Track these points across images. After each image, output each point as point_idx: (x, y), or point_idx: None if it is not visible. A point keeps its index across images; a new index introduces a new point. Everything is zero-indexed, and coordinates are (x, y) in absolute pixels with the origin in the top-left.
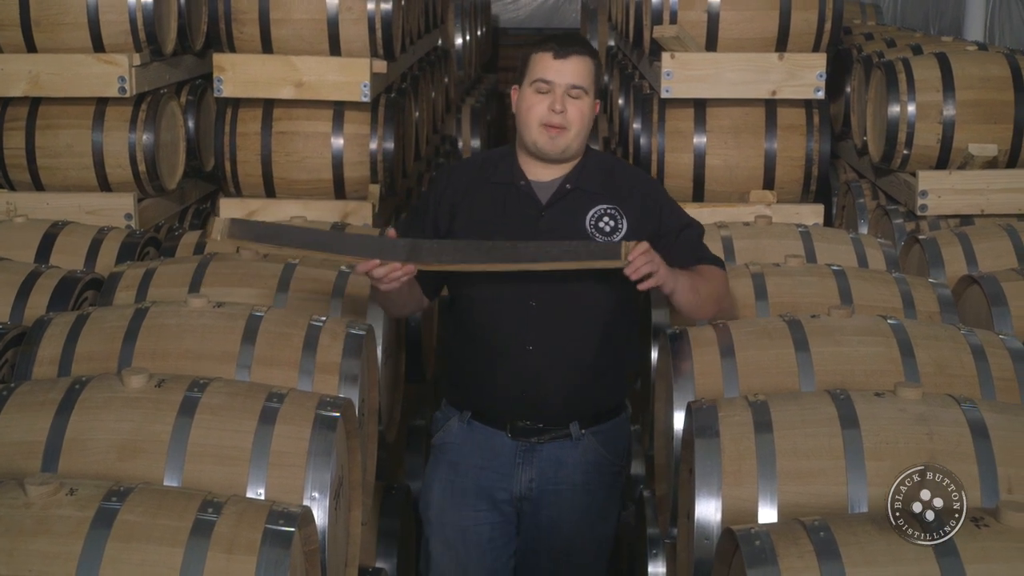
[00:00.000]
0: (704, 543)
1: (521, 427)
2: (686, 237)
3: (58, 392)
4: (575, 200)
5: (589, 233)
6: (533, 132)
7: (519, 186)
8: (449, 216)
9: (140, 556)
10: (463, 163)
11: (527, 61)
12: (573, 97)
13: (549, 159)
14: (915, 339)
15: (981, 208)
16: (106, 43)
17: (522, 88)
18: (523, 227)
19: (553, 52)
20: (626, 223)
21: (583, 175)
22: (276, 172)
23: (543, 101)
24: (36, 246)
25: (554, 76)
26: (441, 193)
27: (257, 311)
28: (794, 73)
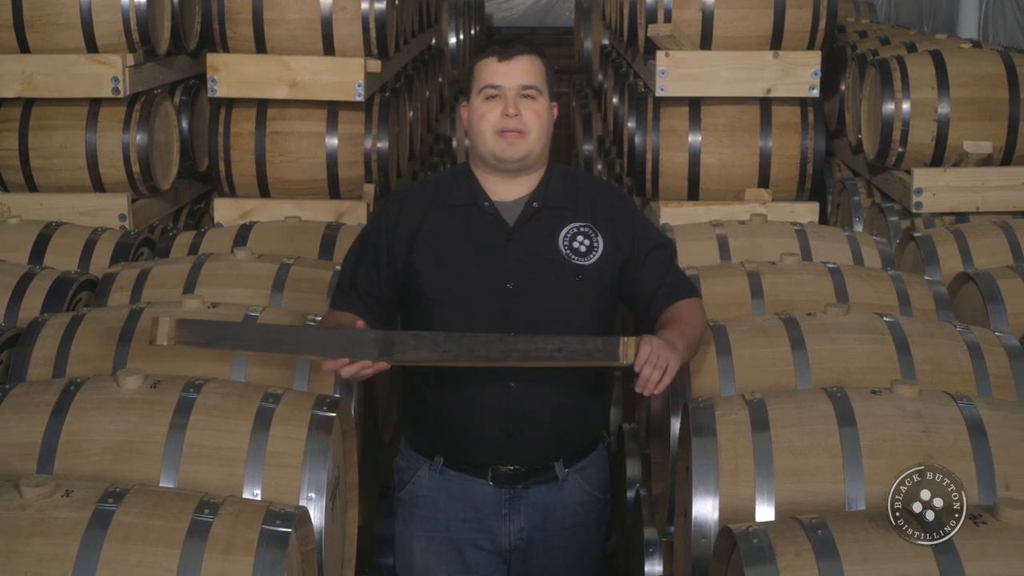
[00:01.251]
0: (702, 542)
1: (504, 473)
2: (657, 258)
3: (53, 393)
4: (545, 219)
5: (564, 255)
6: (489, 142)
7: (482, 208)
8: (406, 247)
9: (136, 557)
10: (413, 189)
11: (471, 73)
12: (527, 98)
13: (510, 169)
14: (911, 337)
15: (976, 205)
16: (99, 43)
17: (471, 101)
18: (491, 253)
19: (497, 56)
20: (602, 241)
21: (549, 191)
22: (270, 172)
23: (494, 108)
24: (30, 247)
25: (502, 79)
26: (394, 223)
27: (252, 311)
28: (789, 71)
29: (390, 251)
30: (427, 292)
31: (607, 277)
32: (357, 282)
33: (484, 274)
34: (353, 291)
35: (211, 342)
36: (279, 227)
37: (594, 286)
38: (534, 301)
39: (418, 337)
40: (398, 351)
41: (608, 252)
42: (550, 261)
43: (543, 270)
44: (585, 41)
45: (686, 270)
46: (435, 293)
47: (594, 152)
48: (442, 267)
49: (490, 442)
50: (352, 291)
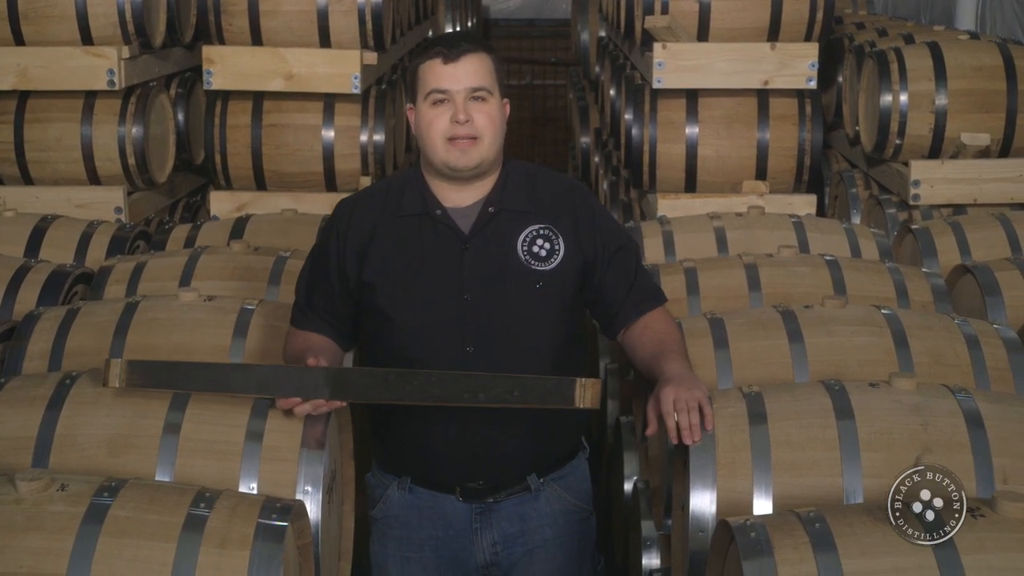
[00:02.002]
0: (699, 535)
1: (472, 488)
2: (622, 261)
3: (48, 387)
4: (502, 224)
5: (524, 261)
6: (440, 151)
7: (435, 216)
8: (357, 261)
9: (132, 552)
10: (362, 197)
11: (415, 75)
12: (477, 100)
13: (464, 177)
14: (909, 329)
15: (974, 197)
16: (95, 36)
17: (416, 106)
18: (446, 264)
19: (442, 57)
20: (563, 244)
21: (506, 193)
22: (266, 165)
23: (443, 114)
24: (25, 240)
25: (449, 83)
26: (344, 235)
27: (248, 304)
28: (786, 63)
29: (341, 268)
30: (382, 309)
31: (570, 282)
32: (312, 299)
33: (440, 287)
34: (311, 309)
35: (161, 383)
36: (275, 220)
37: (556, 292)
38: (493, 312)
39: (370, 375)
40: (350, 390)
41: (570, 254)
42: (508, 269)
43: (501, 279)
44: (582, 33)
45: (683, 262)
46: (390, 310)
47: (591, 144)
48: (395, 283)
49: (456, 462)
50: (310, 309)
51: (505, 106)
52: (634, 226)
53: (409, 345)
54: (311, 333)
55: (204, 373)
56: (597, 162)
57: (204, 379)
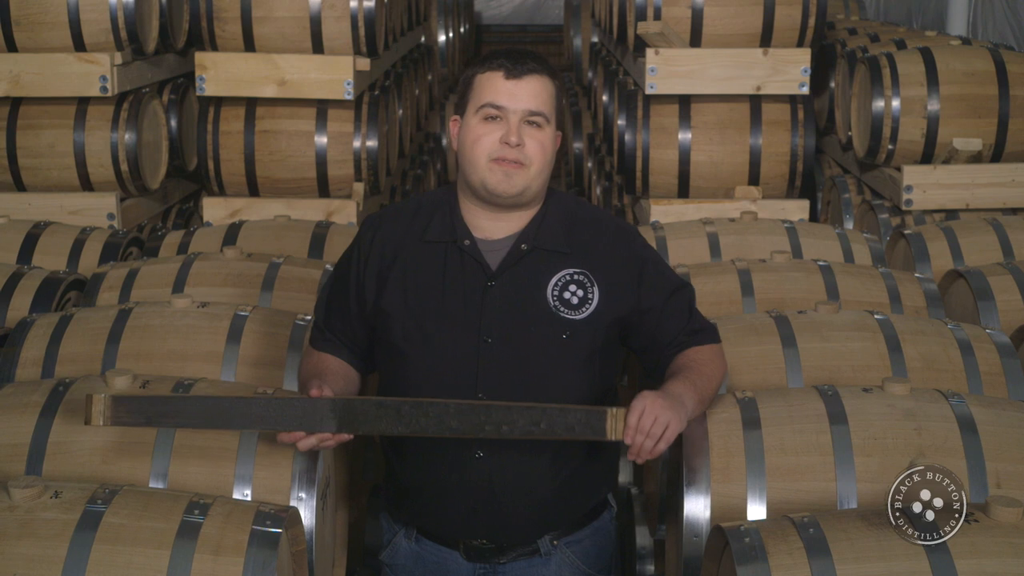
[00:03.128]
0: (693, 540)
1: (476, 548)
2: (675, 307)
3: (42, 394)
4: (533, 263)
5: (552, 307)
6: (481, 170)
7: (462, 247)
8: (376, 285)
9: (126, 559)
10: (393, 211)
11: (471, 84)
12: (532, 126)
13: (502, 203)
14: (902, 334)
15: (966, 202)
16: (87, 42)
17: (464, 118)
18: (467, 300)
19: (504, 71)
20: (597, 292)
21: (543, 230)
22: (259, 171)
23: (494, 131)
24: (18, 247)
25: (507, 100)
26: (367, 254)
27: (242, 311)
28: (778, 68)
29: (359, 291)
30: (396, 342)
31: (600, 335)
32: (331, 320)
33: (457, 325)
34: (329, 330)
35: (152, 420)
36: (268, 226)
37: (584, 345)
38: (512, 360)
39: (381, 406)
40: (359, 423)
41: (604, 305)
42: (534, 314)
43: (525, 324)
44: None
45: (676, 268)
46: (403, 343)
47: (584, 150)
48: (413, 314)
49: (456, 517)
50: (328, 330)
51: (558, 138)
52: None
53: (419, 383)
54: (328, 355)
55: (197, 407)
56: (590, 168)
57: (197, 414)
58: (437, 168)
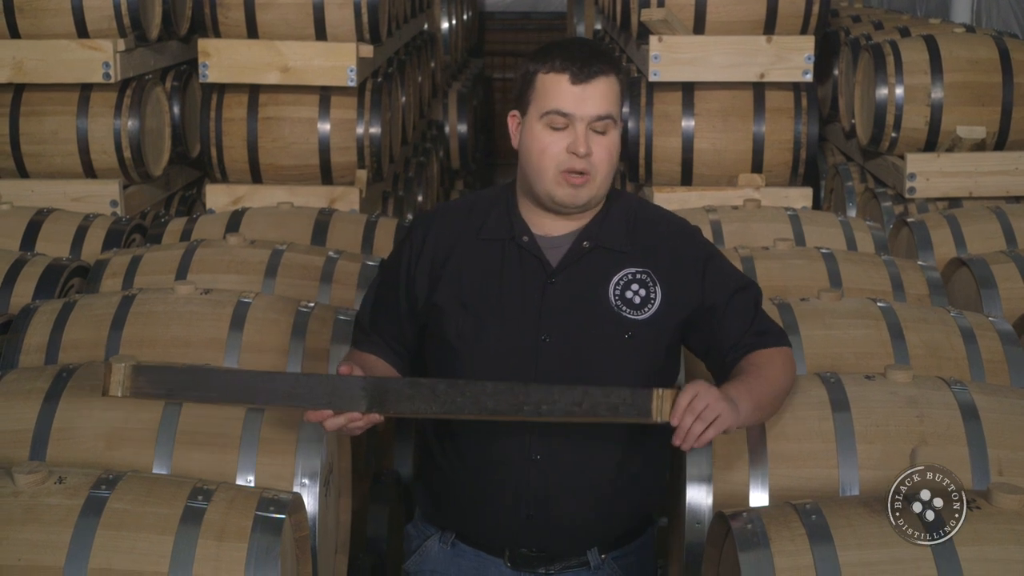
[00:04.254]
0: (695, 527)
1: (524, 555)
2: (739, 306)
3: (45, 380)
4: (595, 262)
5: (614, 306)
6: (548, 182)
7: (521, 243)
8: (429, 282)
9: (130, 544)
10: (447, 209)
11: (532, 83)
12: (598, 132)
13: (567, 213)
14: (905, 322)
15: (969, 190)
16: (90, 29)
17: (527, 120)
18: (526, 297)
19: (571, 75)
20: (659, 292)
21: (604, 228)
22: (262, 158)
23: (560, 140)
24: (21, 234)
25: (574, 107)
26: (418, 253)
27: (245, 297)
28: (782, 56)
29: (410, 290)
30: (449, 340)
31: (663, 336)
32: (377, 320)
33: (515, 322)
34: (374, 330)
35: (173, 392)
36: (271, 213)
37: (647, 346)
38: (571, 360)
39: (415, 385)
40: (391, 402)
41: (667, 306)
42: (596, 313)
43: (586, 323)
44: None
45: None
46: (458, 342)
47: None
48: (468, 311)
49: (508, 523)
50: (373, 330)
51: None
52: None
53: None
54: (369, 355)
55: (221, 380)
56: None
57: (221, 388)
58: (440, 155)
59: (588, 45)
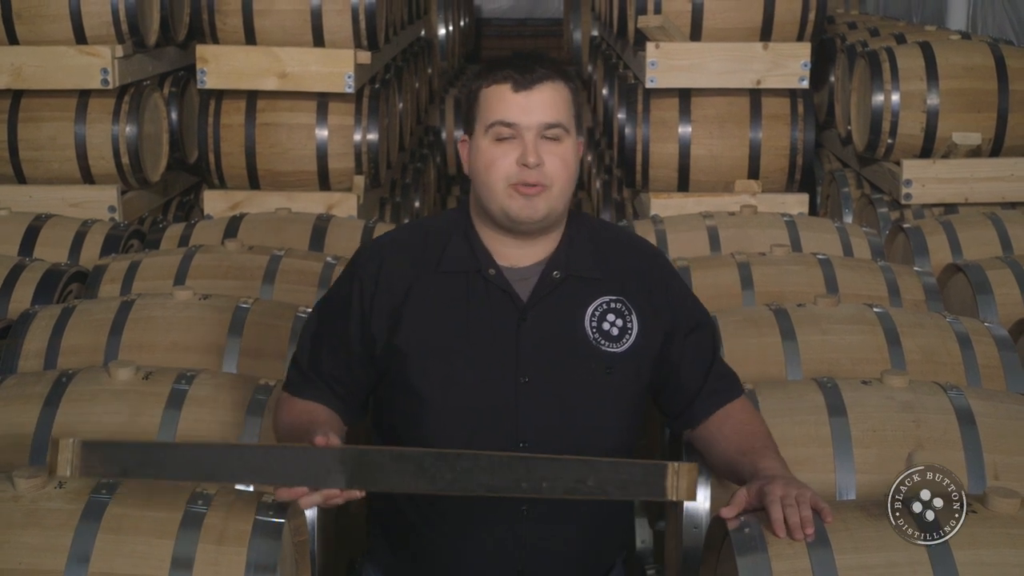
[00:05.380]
0: (693, 531)
1: None
2: (699, 343)
3: (45, 385)
4: (567, 293)
5: (592, 340)
6: (500, 198)
7: (487, 276)
8: (389, 323)
9: (130, 548)
10: (392, 243)
11: (476, 100)
12: (550, 140)
13: (526, 231)
14: (901, 327)
15: (965, 197)
16: (88, 35)
17: (474, 138)
18: (500, 337)
19: (512, 83)
20: (636, 321)
21: (572, 254)
22: (260, 164)
23: (508, 153)
24: (20, 239)
25: (519, 116)
26: (373, 287)
27: (243, 303)
28: (778, 63)
29: (365, 330)
30: (415, 387)
31: (644, 368)
32: (320, 363)
33: (491, 366)
34: (316, 374)
35: (128, 471)
36: (269, 219)
37: (630, 380)
38: (554, 401)
39: (399, 458)
40: (373, 477)
41: (643, 335)
42: (574, 348)
43: (565, 360)
44: (574, 32)
45: (676, 261)
46: (426, 389)
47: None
48: (435, 355)
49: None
50: (314, 373)
51: (580, 146)
52: (627, 225)
53: (447, 435)
54: (313, 404)
55: (183, 456)
56: (590, 161)
57: (184, 464)
58: (437, 161)
59: (532, 55)
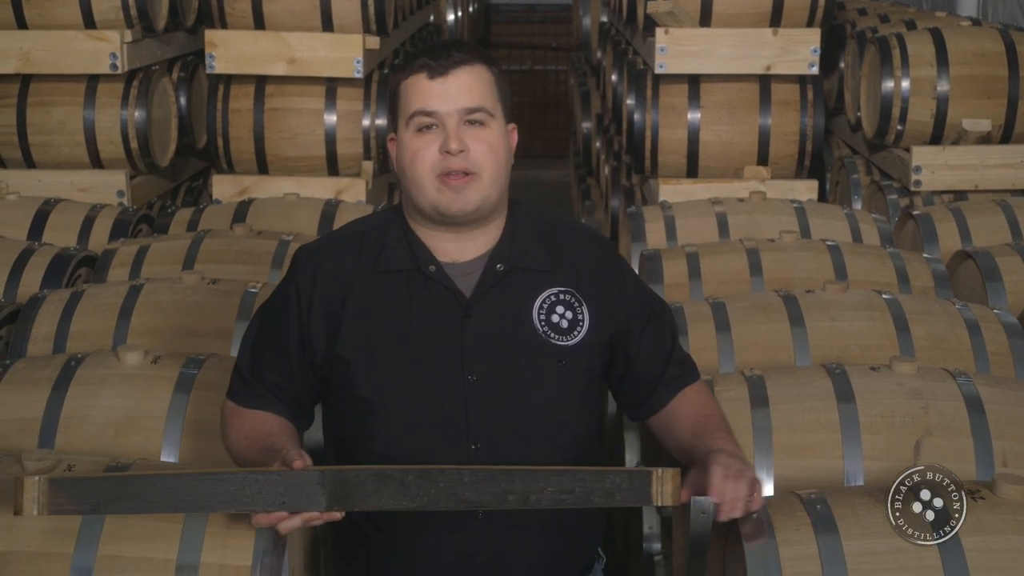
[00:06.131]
0: (701, 517)
1: None
2: (657, 331)
3: (54, 369)
4: (513, 286)
5: (541, 333)
6: (428, 190)
7: (428, 273)
8: (327, 329)
9: (139, 530)
10: (329, 245)
11: (396, 94)
12: (474, 125)
13: (459, 223)
14: (910, 314)
15: (975, 183)
16: (97, 19)
17: (398, 133)
18: (443, 335)
19: (427, 71)
20: (586, 313)
21: (514, 245)
22: (269, 149)
23: (431, 143)
24: (29, 224)
25: (437, 103)
26: (308, 295)
27: (252, 288)
28: (788, 48)
29: (304, 337)
30: (360, 392)
31: (596, 359)
32: (261, 371)
33: (436, 366)
34: (260, 383)
35: (100, 506)
36: (278, 204)
37: (581, 373)
38: (504, 398)
39: (381, 477)
40: (354, 498)
41: (595, 326)
42: (522, 343)
43: (512, 355)
44: (584, 18)
45: (685, 247)
46: (372, 394)
47: (592, 130)
48: (379, 358)
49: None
50: (258, 383)
51: (512, 133)
52: (636, 211)
53: (395, 440)
54: (263, 413)
55: (156, 487)
56: (598, 147)
57: (157, 496)
58: None
59: (449, 42)
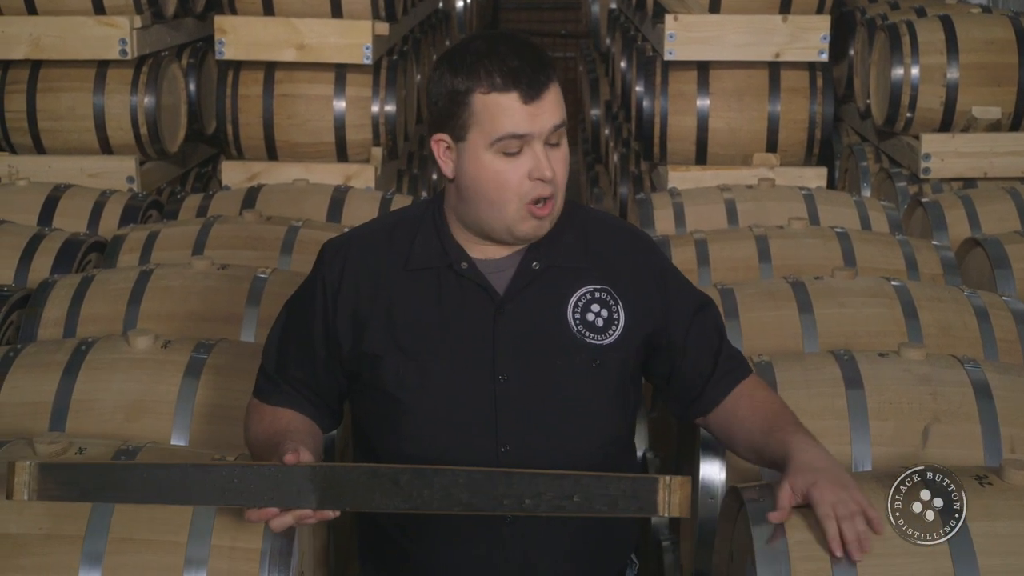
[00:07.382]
0: (708, 502)
1: None
2: (703, 326)
3: (64, 353)
4: (548, 283)
5: (576, 332)
6: (511, 218)
7: (459, 270)
8: (354, 325)
9: (150, 513)
10: (358, 239)
11: (466, 105)
12: (554, 145)
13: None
14: (918, 301)
15: (984, 171)
16: (107, 5)
17: (469, 147)
18: (474, 333)
19: (520, 93)
20: (622, 311)
21: (554, 243)
22: (278, 135)
23: (518, 167)
24: (39, 209)
25: (530, 127)
26: (335, 290)
27: (261, 273)
28: (797, 35)
29: (330, 333)
30: (388, 390)
31: (632, 359)
32: (286, 368)
33: (466, 364)
34: (285, 380)
35: (88, 493)
36: (287, 190)
37: (616, 373)
38: (536, 399)
39: (373, 475)
40: (346, 496)
41: (631, 325)
42: (556, 342)
43: (546, 355)
44: (593, 5)
45: (694, 234)
46: (400, 392)
47: (601, 117)
48: (408, 356)
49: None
50: (283, 380)
51: None
52: (644, 198)
53: (423, 440)
54: (284, 410)
55: (146, 477)
56: (607, 134)
57: (146, 486)
58: None
59: (520, 49)
